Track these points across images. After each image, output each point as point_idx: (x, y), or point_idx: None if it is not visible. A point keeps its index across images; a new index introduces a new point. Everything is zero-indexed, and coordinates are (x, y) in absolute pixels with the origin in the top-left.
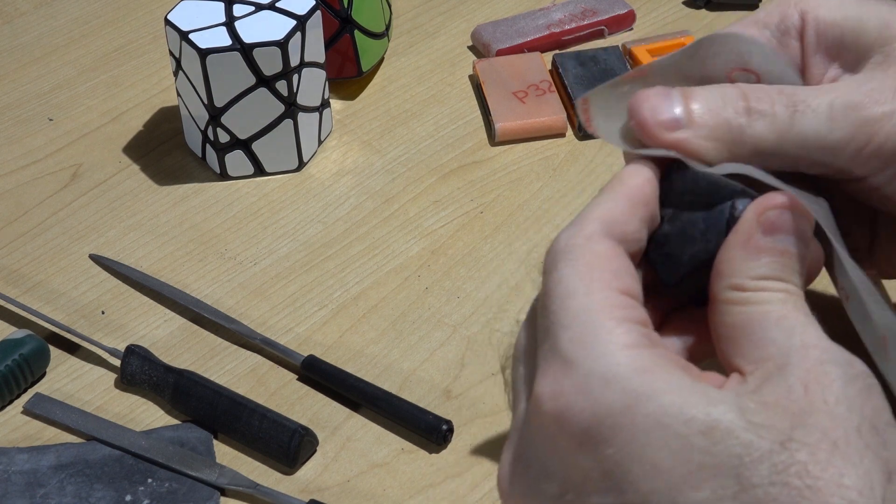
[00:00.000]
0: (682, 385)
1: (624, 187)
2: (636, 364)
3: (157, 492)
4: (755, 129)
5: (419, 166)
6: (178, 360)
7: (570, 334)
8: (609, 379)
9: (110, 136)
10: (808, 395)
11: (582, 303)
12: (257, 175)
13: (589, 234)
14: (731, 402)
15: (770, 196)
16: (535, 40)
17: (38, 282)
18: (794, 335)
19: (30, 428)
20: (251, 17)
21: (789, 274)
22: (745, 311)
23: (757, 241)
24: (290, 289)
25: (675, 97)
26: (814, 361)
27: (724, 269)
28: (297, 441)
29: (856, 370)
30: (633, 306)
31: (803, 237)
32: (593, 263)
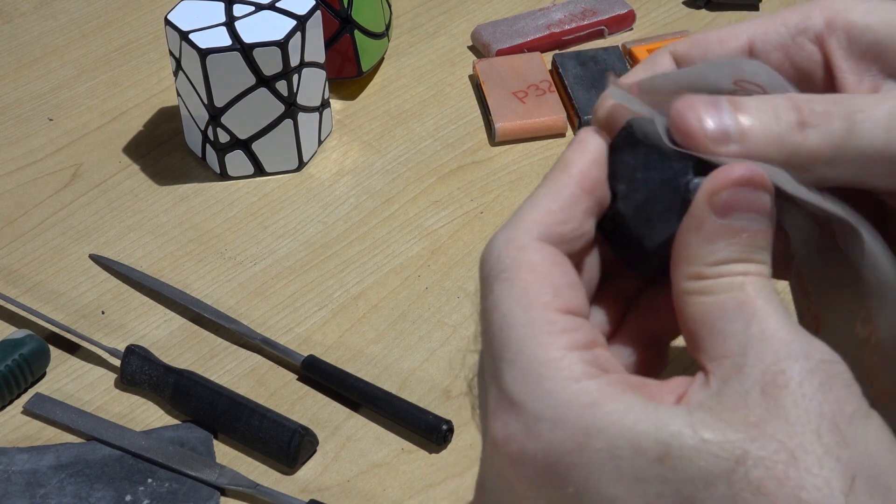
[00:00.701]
0: (632, 413)
1: (566, 175)
2: (584, 398)
3: (157, 492)
4: (810, 143)
5: (419, 166)
6: (178, 360)
7: (514, 373)
8: (557, 418)
9: (110, 136)
10: (764, 399)
11: (521, 334)
12: (257, 175)
13: (522, 244)
14: (682, 421)
15: (721, 171)
16: (535, 40)
17: (38, 282)
18: (753, 324)
19: (30, 428)
20: (251, 17)
21: (751, 252)
22: (705, 301)
23: (711, 225)
24: (290, 289)
25: (723, 107)
26: (770, 359)
27: (681, 256)
28: (297, 441)
29: (813, 362)
30: (578, 327)
31: (763, 210)
32: (529, 283)
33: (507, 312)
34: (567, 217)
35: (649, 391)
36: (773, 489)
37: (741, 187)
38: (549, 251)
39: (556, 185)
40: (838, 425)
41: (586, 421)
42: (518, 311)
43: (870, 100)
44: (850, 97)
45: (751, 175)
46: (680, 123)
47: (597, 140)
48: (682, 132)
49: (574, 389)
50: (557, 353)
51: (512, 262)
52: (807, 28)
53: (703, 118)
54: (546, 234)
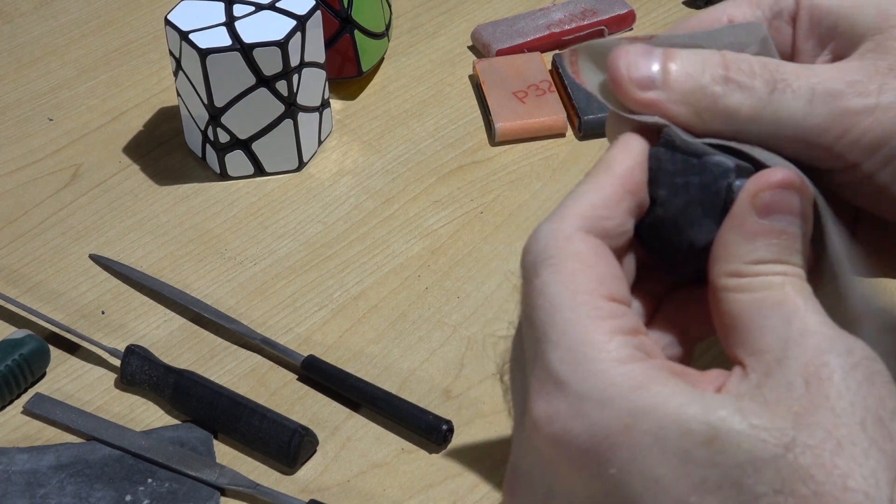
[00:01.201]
0: (679, 396)
1: (609, 175)
2: (630, 381)
3: (157, 492)
4: (730, 99)
5: (419, 166)
6: (178, 360)
7: (559, 353)
8: (604, 399)
9: (110, 136)
10: (808, 391)
11: (569, 317)
12: (257, 175)
13: (569, 234)
14: (731, 406)
15: (764, 174)
16: (535, 40)
17: (38, 282)
18: (793, 322)
19: (30, 428)
20: (251, 17)
21: (789, 255)
22: (743, 298)
23: (752, 225)
24: (290, 289)
25: (654, 56)
26: (813, 353)
27: (720, 254)
28: (297, 441)
29: (856, 358)
30: (622, 314)
31: (803, 214)
32: (576, 270)
33: (553, 296)
34: (610, 213)
35: (691, 379)
36: (820, 477)
37: (783, 189)
38: (594, 242)
39: (600, 182)
40: (882, 420)
41: (633, 402)
42: (565, 295)
43: (799, 70)
44: (781, 64)
45: (793, 179)
46: (610, 69)
47: (639, 143)
48: (612, 77)
49: (620, 371)
50: (603, 337)
51: (558, 250)
52: (781, 10)
53: (632, 64)
54: (591, 227)
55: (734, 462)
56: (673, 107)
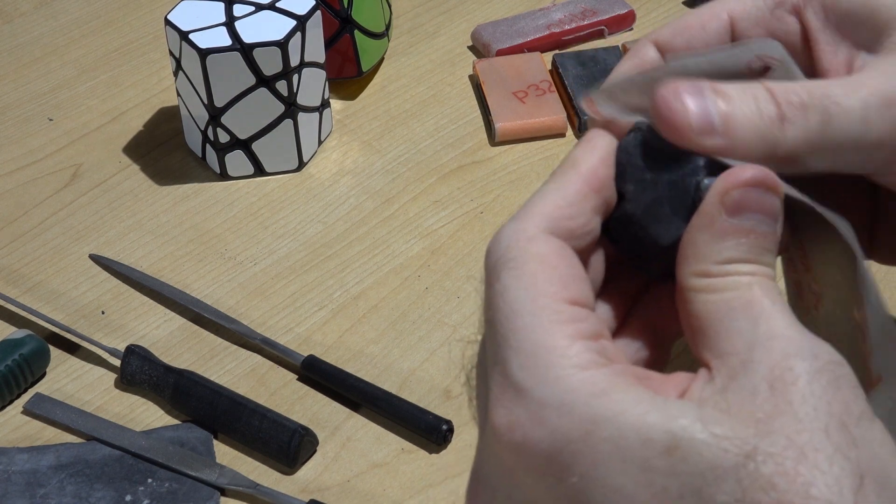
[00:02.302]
0: (640, 404)
1: (574, 173)
2: (591, 387)
3: (157, 492)
4: (789, 139)
5: (419, 166)
6: (178, 360)
7: (519, 359)
8: (564, 406)
9: (110, 136)
10: (773, 396)
11: (528, 322)
12: (257, 175)
13: (531, 235)
14: (692, 415)
15: (733, 172)
16: (535, 40)
17: (38, 282)
18: (760, 324)
19: (30, 428)
20: (251, 17)
21: (758, 254)
22: (711, 298)
23: (721, 224)
24: (290, 289)
25: (707, 97)
26: (778, 356)
27: (688, 254)
28: (297, 441)
29: (821, 362)
30: (584, 318)
31: (772, 213)
32: (537, 273)
33: (514, 300)
34: (575, 213)
35: (654, 384)
36: (782, 485)
37: (753, 188)
38: (556, 243)
39: (564, 181)
40: (846, 425)
41: (594, 409)
42: (525, 299)
43: (845, 88)
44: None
45: (763, 176)
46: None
47: (606, 139)
48: (666, 122)
49: (581, 377)
50: (564, 342)
51: (520, 252)
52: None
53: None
54: (554, 228)
55: (695, 471)
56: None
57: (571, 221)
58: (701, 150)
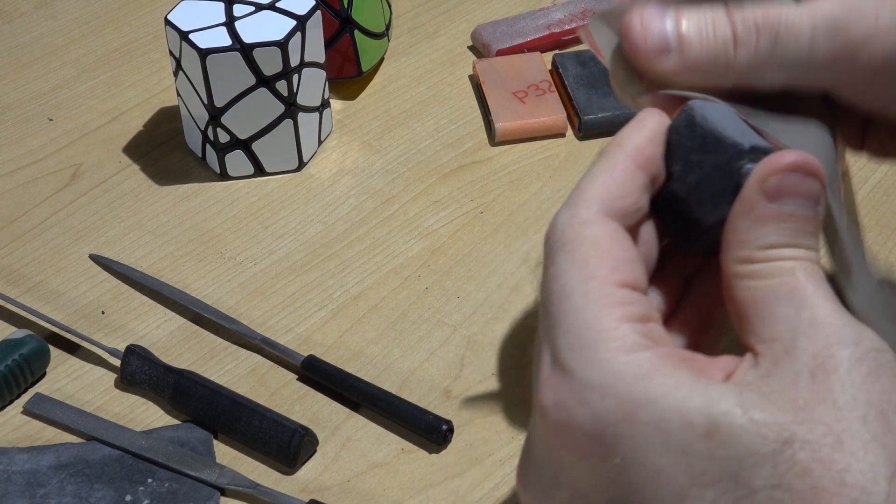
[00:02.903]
0: (682, 387)
1: (621, 152)
2: (634, 370)
3: (157, 492)
4: (739, 61)
5: (419, 166)
6: (178, 360)
7: (568, 340)
8: (607, 387)
9: (110, 136)
10: (813, 383)
11: (578, 304)
12: (257, 175)
13: (584, 219)
14: (733, 399)
15: (773, 158)
16: (535, 40)
17: (38, 282)
18: (803, 311)
19: (30, 428)
20: (251, 17)
21: (801, 238)
22: (755, 284)
23: (761, 209)
24: (290, 289)
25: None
26: (821, 343)
27: (731, 240)
28: (297, 441)
29: (863, 349)
30: (633, 301)
31: (814, 196)
32: (590, 256)
33: (565, 282)
34: (624, 192)
35: (699, 366)
36: (818, 471)
37: (792, 172)
38: (610, 226)
39: (611, 161)
40: (885, 413)
41: (636, 392)
42: (576, 282)
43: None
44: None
45: (802, 161)
46: (626, 34)
47: (655, 118)
48: (627, 43)
49: (626, 360)
50: (612, 324)
51: (574, 236)
52: None
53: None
54: (606, 209)
55: (733, 455)
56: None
57: (622, 201)
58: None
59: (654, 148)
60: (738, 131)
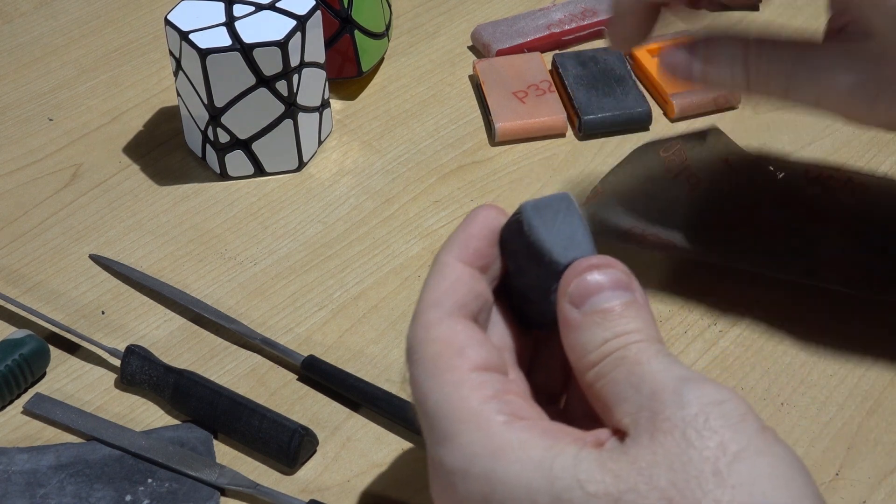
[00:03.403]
0: (530, 464)
1: (449, 254)
2: (488, 450)
3: (157, 492)
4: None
5: (419, 166)
6: (178, 360)
7: (433, 436)
8: (466, 472)
9: (110, 136)
10: (652, 445)
11: (435, 399)
12: (257, 175)
13: (427, 323)
14: (570, 476)
15: (567, 273)
16: (535, 40)
17: (38, 282)
18: (643, 385)
19: (30, 428)
20: (251, 17)
21: (623, 324)
22: (602, 383)
23: (577, 319)
24: (290, 289)
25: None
26: (658, 408)
27: (570, 356)
28: (297, 441)
29: (695, 408)
30: (487, 381)
31: (619, 285)
32: (436, 355)
33: (421, 386)
34: (457, 287)
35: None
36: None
37: (586, 273)
38: (451, 321)
39: (440, 264)
40: (720, 470)
41: (489, 470)
42: (430, 383)
43: None
44: None
45: (591, 263)
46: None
47: (485, 213)
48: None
49: (480, 440)
50: (466, 411)
51: (420, 341)
52: None
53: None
54: (445, 308)
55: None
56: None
57: (456, 295)
58: None
59: (479, 241)
60: (563, 240)
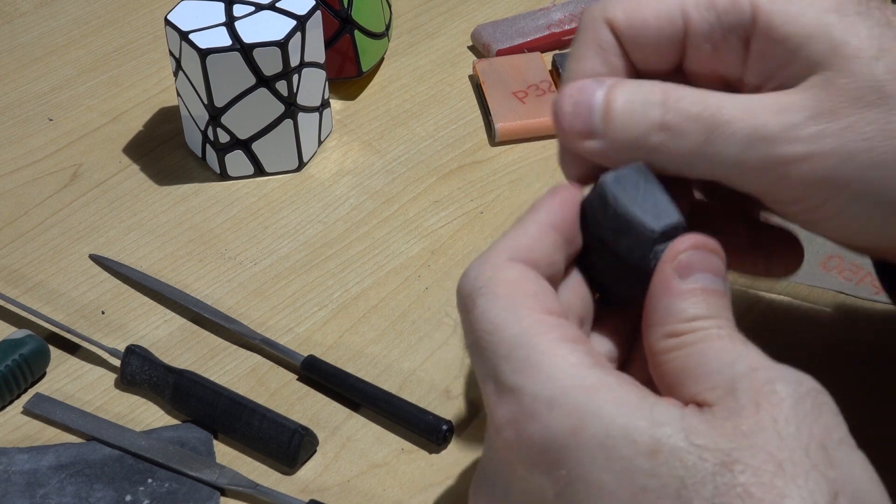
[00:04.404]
0: (627, 405)
1: (533, 214)
2: (580, 382)
3: (157, 492)
4: (666, 149)
5: (419, 166)
6: (178, 360)
7: (510, 365)
8: (554, 400)
9: (110, 136)
10: (758, 413)
11: (515, 331)
12: (257, 175)
13: (496, 264)
14: (676, 424)
15: (678, 241)
16: (535, 40)
17: (38, 282)
18: (738, 363)
19: (30, 428)
20: (251, 17)
21: (717, 310)
22: (684, 353)
23: (677, 287)
24: (290, 289)
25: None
26: (762, 381)
27: (652, 320)
28: (297, 441)
29: (805, 388)
30: (564, 325)
31: (718, 272)
32: (512, 291)
33: (494, 318)
34: (535, 245)
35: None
36: (758, 494)
37: (697, 250)
38: (521, 267)
39: (523, 222)
40: (826, 447)
41: (583, 404)
42: (506, 315)
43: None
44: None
45: (703, 241)
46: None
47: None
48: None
49: (571, 373)
50: (551, 344)
51: (489, 279)
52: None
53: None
54: (517, 257)
55: (675, 475)
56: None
57: (532, 252)
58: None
59: (565, 213)
60: (651, 209)
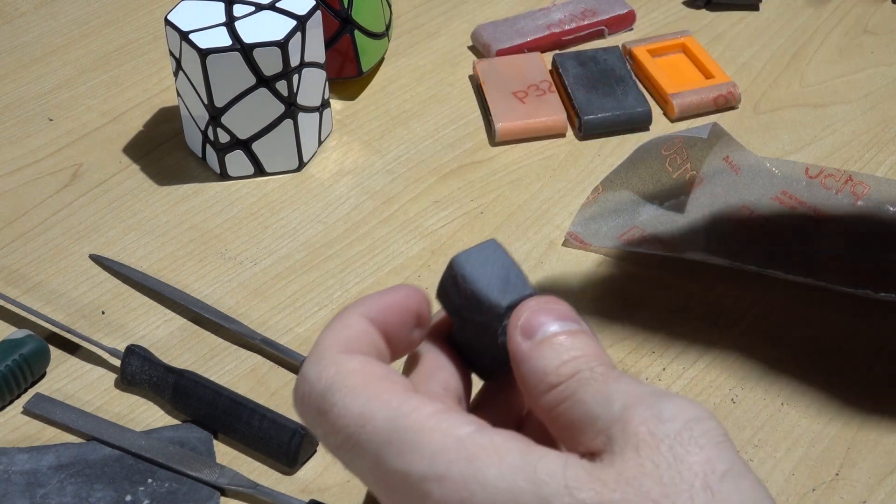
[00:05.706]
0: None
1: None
2: (462, 455)
3: (157, 492)
4: None
5: (419, 166)
6: (178, 360)
7: (393, 449)
8: (441, 476)
9: (110, 136)
10: (638, 456)
11: (386, 416)
12: (257, 175)
13: (334, 359)
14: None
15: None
16: (535, 40)
17: (38, 282)
18: (613, 403)
19: (30, 428)
20: (251, 17)
21: (581, 346)
22: (567, 406)
23: (528, 348)
24: (290, 289)
25: None
26: (638, 422)
27: (527, 387)
28: (297, 441)
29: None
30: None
31: (567, 317)
32: (365, 380)
33: (361, 410)
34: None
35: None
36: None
37: (532, 310)
38: (359, 357)
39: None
40: (710, 486)
41: (468, 475)
42: (371, 403)
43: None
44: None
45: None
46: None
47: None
48: None
49: (450, 445)
50: (427, 420)
51: (336, 375)
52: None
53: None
54: (347, 349)
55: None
56: None
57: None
58: None
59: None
60: (498, 284)
